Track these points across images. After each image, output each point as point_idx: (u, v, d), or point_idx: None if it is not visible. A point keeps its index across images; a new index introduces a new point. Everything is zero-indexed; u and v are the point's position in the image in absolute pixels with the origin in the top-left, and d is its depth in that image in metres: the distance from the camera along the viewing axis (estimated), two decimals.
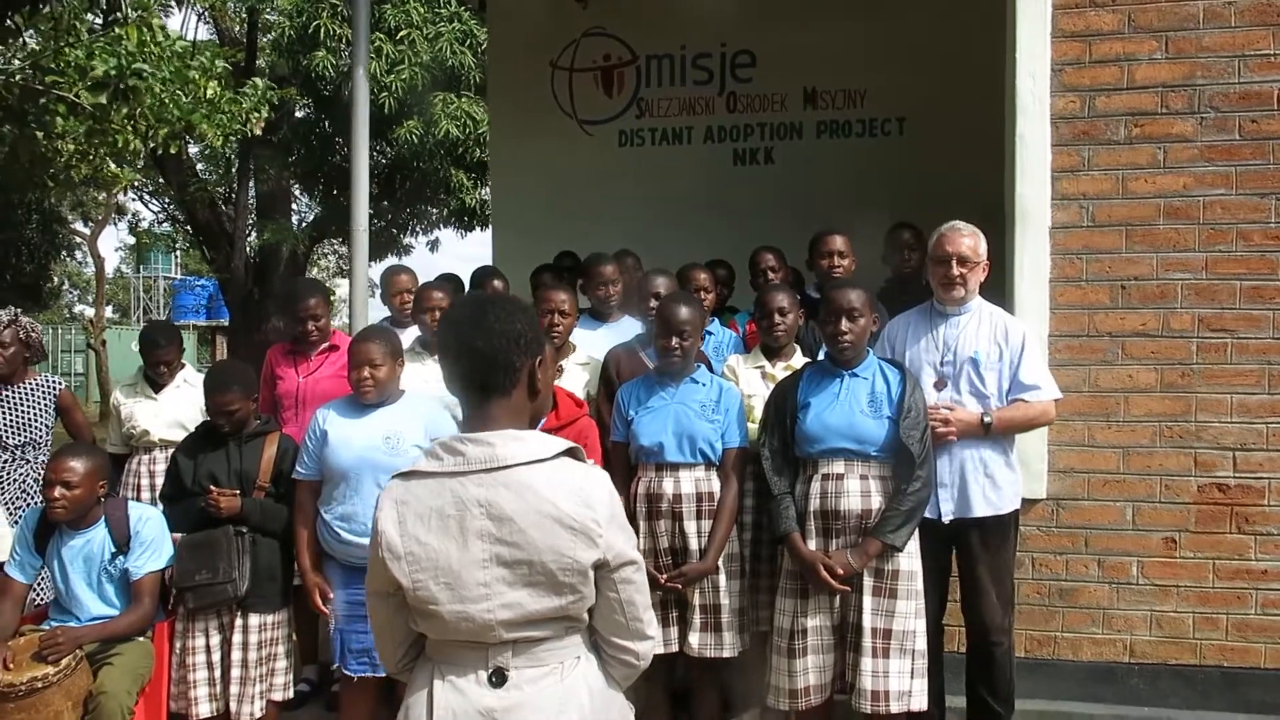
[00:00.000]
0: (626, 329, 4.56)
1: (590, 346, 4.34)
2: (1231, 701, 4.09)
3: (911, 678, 3.38)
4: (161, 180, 16.59)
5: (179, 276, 37.79)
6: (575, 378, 4.18)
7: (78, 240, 25.51)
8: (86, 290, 34.64)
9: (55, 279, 24.65)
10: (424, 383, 4.20)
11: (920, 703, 3.40)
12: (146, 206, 23.06)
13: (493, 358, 1.79)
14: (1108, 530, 4.20)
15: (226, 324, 32.19)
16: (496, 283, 4.80)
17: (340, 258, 22.67)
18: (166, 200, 20.25)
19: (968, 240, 3.72)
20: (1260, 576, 4.09)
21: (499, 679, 1.77)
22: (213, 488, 3.79)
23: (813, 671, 3.43)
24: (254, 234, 15.60)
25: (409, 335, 4.50)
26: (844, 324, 3.48)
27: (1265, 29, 4.13)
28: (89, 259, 29.12)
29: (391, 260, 15.04)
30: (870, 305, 3.53)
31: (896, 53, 6.63)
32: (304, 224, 16.35)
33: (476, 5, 8.28)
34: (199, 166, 16.64)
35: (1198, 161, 4.17)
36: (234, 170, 15.46)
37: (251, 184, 15.41)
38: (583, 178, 7.17)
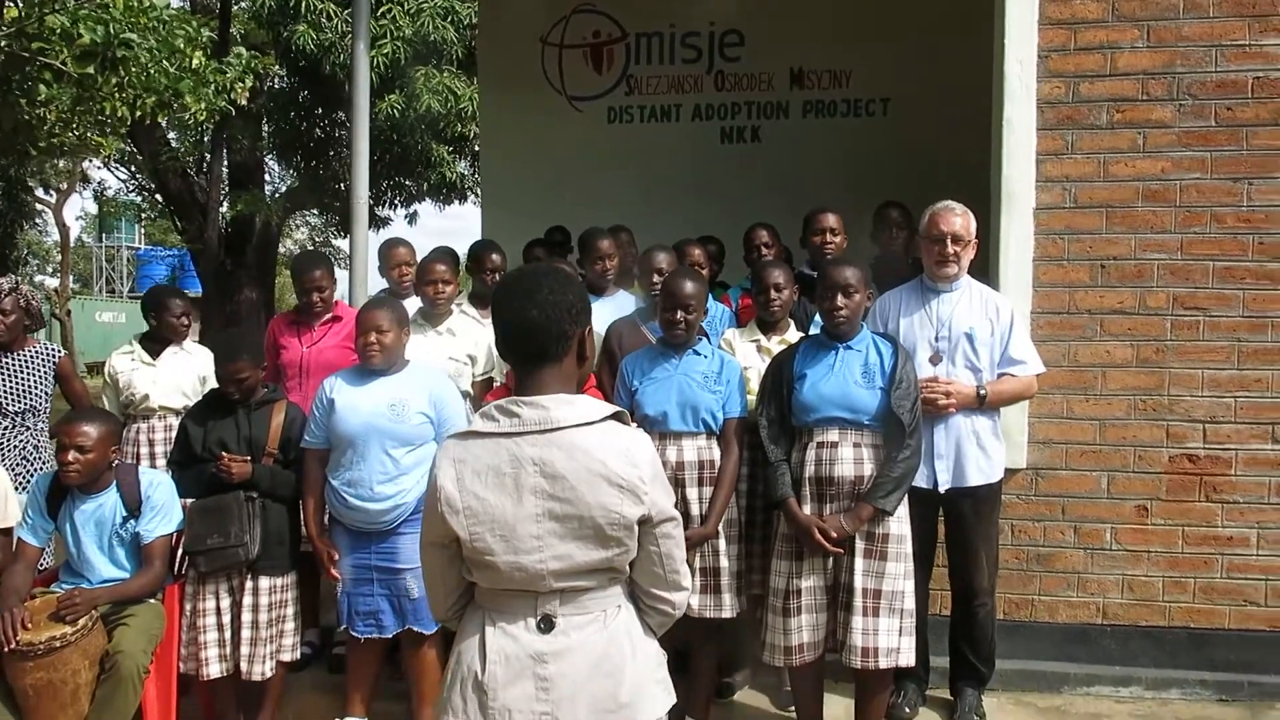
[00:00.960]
0: (622, 303, 4.69)
1: None
2: (1197, 661, 4.31)
3: (900, 635, 3.56)
4: (133, 149, 16.42)
5: (143, 246, 37.35)
6: None
7: (39, 208, 25.18)
8: (46, 260, 34.15)
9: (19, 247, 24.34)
10: (425, 353, 4.32)
11: (908, 659, 3.59)
12: (114, 174, 22.80)
13: (547, 327, 1.92)
14: (1084, 498, 4.40)
15: (194, 295, 31.97)
16: (495, 256, 4.90)
17: (314, 229, 22.57)
18: (134, 169, 20.04)
19: (960, 219, 3.88)
20: (1226, 543, 4.31)
21: (547, 625, 1.91)
22: (224, 454, 3.89)
23: (806, 630, 3.60)
24: (226, 205, 15.52)
25: (409, 307, 4.60)
26: (839, 299, 3.63)
27: (1241, 20, 4.31)
28: (49, 228, 28.75)
29: (370, 232, 15.00)
30: (865, 281, 3.68)
31: (881, 35, 6.77)
32: (277, 195, 16.28)
33: None
34: (170, 136, 16.50)
35: (1175, 146, 4.34)
36: (207, 140, 15.36)
37: (224, 154, 15.33)
38: (572, 154, 7.26)
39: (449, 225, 56.81)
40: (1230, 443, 4.31)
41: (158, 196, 18.29)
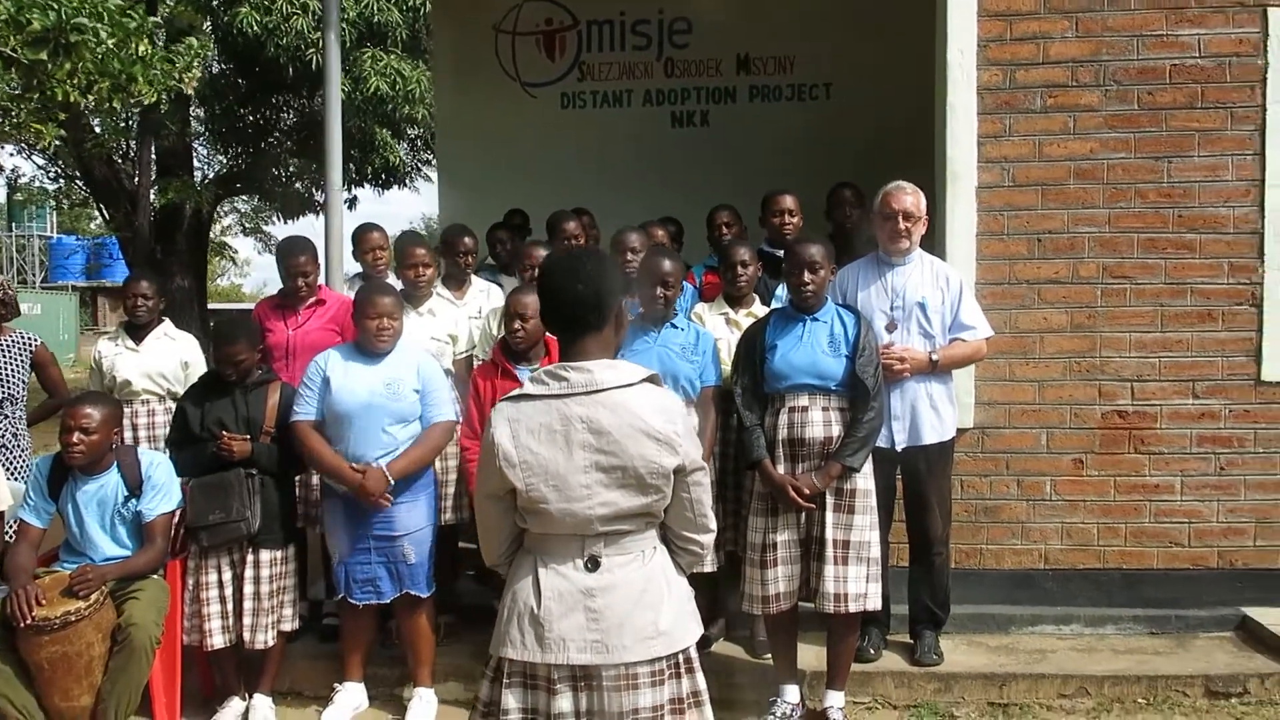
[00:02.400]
0: None
1: None
2: (1130, 599, 4.72)
3: (867, 582, 3.87)
4: (61, 136, 16.08)
5: (55, 235, 36.30)
6: None
7: None
8: None
9: None
10: (408, 334, 4.51)
11: (875, 603, 3.91)
12: (32, 162, 22.21)
13: (590, 300, 2.17)
14: (1025, 454, 4.77)
15: (109, 285, 31.12)
16: (467, 239, 5.09)
17: (243, 215, 22.29)
18: (54, 156, 19.58)
19: (911, 198, 4.21)
20: (1153, 490, 4.73)
21: (593, 564, 2.17)
22: (225, 433, 4.05)
23: (783, 580, 3.90)
24: (156, 192, 15.31)
25: None
26: (806, 275, 3.91)
27: (1159, 12, 4.68)
28: None
29: (310, 218, 14.97)
30: (829, 258, 3.97)
31: (823, 22, 7.11)
32: (206, 181, 16.10)
33: None
34: (94, 122, 16.20)
35: (1102, 129, 4.72)
36: (134, 126, 15.12)
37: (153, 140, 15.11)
38: (526, 138, 7.47)
39: (390, 210, 56.08)
40: (1155, 399, 4.72)
41: (79, 183, 17.93)
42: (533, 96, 7.62)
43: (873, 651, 4.38)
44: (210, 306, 18.74)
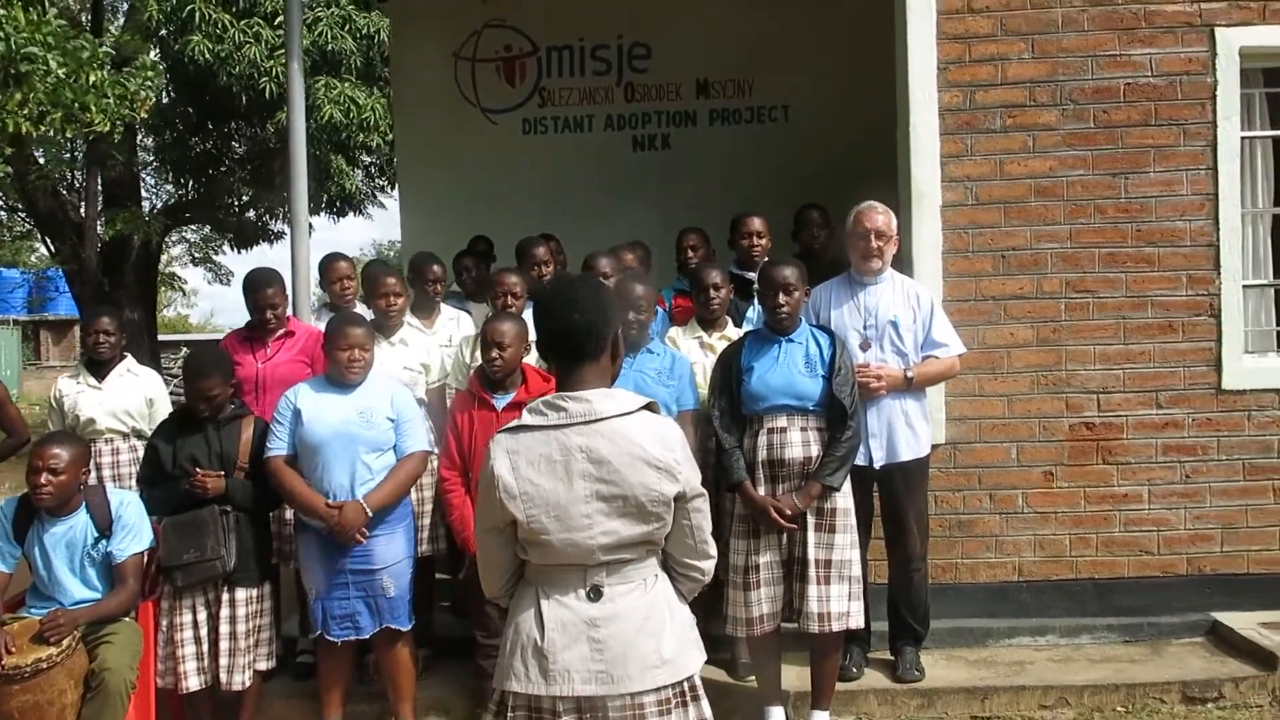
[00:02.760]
0: None
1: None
2: (1103, 608, 4.80)
3: (849, 600, 3.90)
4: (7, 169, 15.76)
5: None
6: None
7: None
8: None
9: None
10: (380, 364, 4.47)
11: (858, 621, 3.94)
12: None
13: (587, 330, 2.17)
14: (997, 468, 4.84)
15: (51, 318, 30.50)
16: (436, 267, 5.08)
17: (192, 245, 21.98)
18: None
19: (882, 217, 4.27)
20: (1122, 500, 4.81)
21: (595, 594, 2.16)
22: (198, 470, 3.98)
23: (765, 601, 3.91)
24: (103, 223, 15.07)
25: None
26: (781, 298, 3.95)
27: (1112, 33, 4.81)
28: None
29: (264, 247, 14.81)
30: (803, 280, 4.01)
31: (781, 46, 7.19)
32: (155, 211, 15.87)
33: None
34: (38, 153, 15.92)
35: (1061, 147, 4.83)
36: (80, 157, 14.88)
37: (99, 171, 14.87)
38: (488, 165, 7.46)
39: (345, 238, 56.05)
40: (1121, 410, 4.81)
41: (21, 215, 17.58)
42: (493, 123, 7.62)
43: (855, 670, 4.40)
44: (160, 338, 18.45)
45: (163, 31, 11.01)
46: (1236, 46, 4.71)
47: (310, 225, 14.84)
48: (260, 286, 4.65)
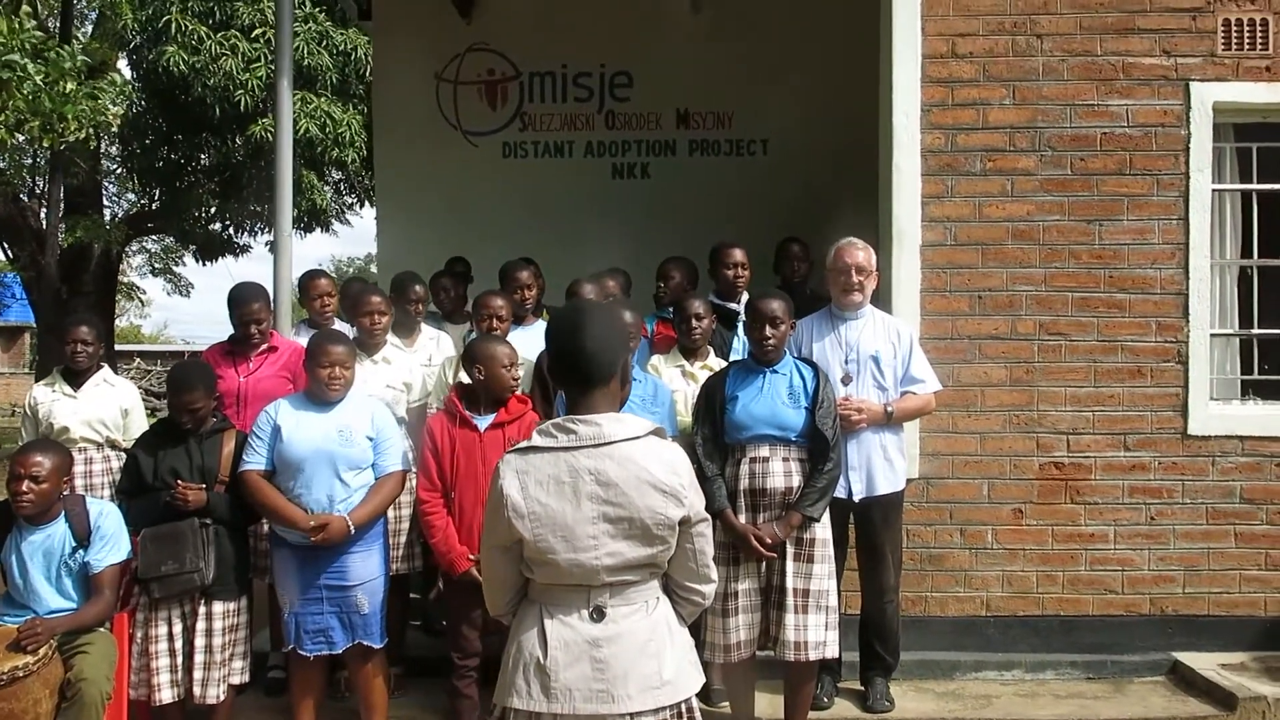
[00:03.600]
0: (541, 332, 4.94)
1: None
2: (1067, 644, 4.88)
3: (825, 630, 3.94)
4: None
5: None
6: None
7: None
8: None
9: None
10: (363, 382, 4.46)
11: (833, 651, 3.98)
12: None
13: (598, 356, 2.20)
14: (968, 504, 4.92)
15: (2, 325, 29.96)
16: (418, 287, 5.09)
17: (152, 256, 21.68)
18: None
19: (862, 253, 4.35)
20: (1089, 539, 4.91)
21: (599, 615, 2.18)
22: (179, 482, 3.95)
23: (743, 629, 3.95)
24: (64, 231, 14.88)
25: None
26: (768, 330, 4.01)
27: (1090, 83, 4.96)
28: None
29: (229, 260, 14.68)
30: (789, 312, 4.07)
31: (761, 80, 7.31)
32: (117, 219, 15.68)
33: (358, 14, 8.40)
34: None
35: (1038, 192, 4.95)
36: (43, 164, 14.69)
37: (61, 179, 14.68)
38: (467, 186, 7.49)
39: (312, 253, 55.73)
40: (1090, 451, 4.92)
41: None
42: (474, 145, 7.64)
43: (826, 699, 4.44)
44: (117, 348, 18.17)
45: (136, 40, 10.92)
46: (1210, 101, 4.88)
47: (253, 244, 14.71)
48: (246, 301, 4.63)
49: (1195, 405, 4.89)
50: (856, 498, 4.29)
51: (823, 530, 3.98)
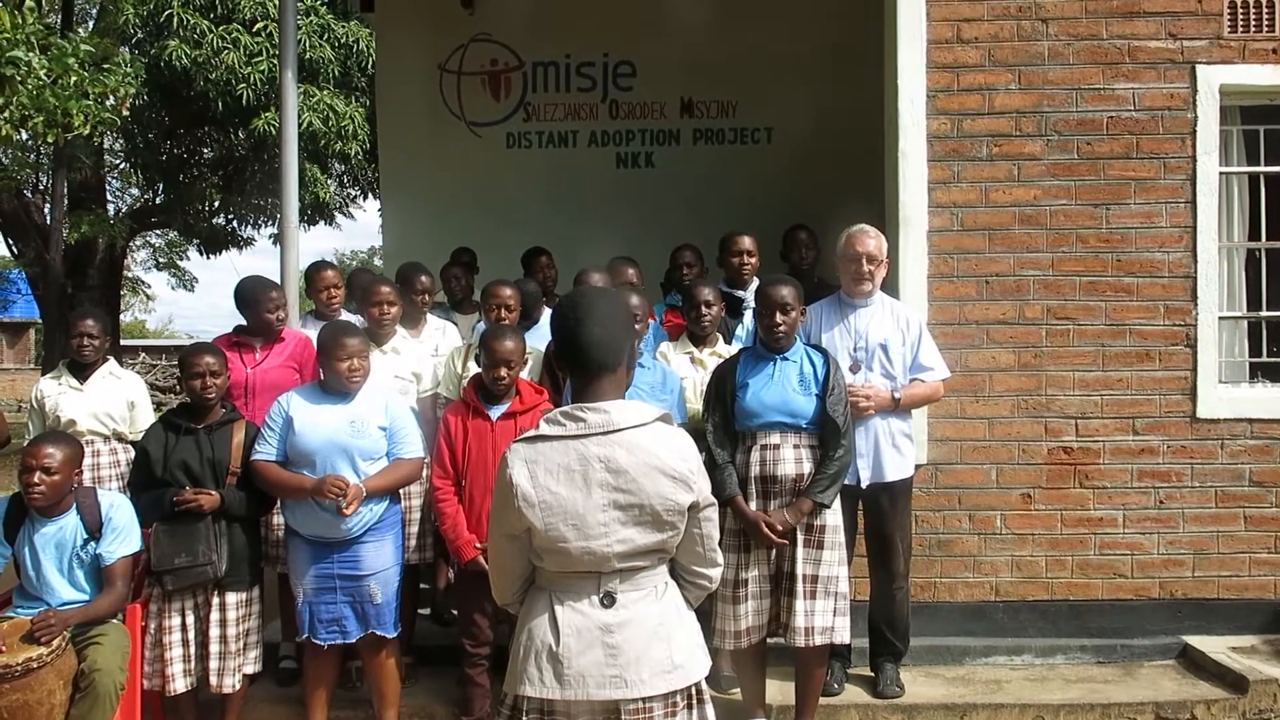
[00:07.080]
0: (545, 324, 4.96)
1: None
2: (1076, 629, 4.89)
3: (835, 615, 3.95)
4: None
5: None
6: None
7: None
8: None
9: None
10: (373, 372, 4.47)
11: (843, 637, 3.99)
12: None
13: (605, 343, 2.21)
14: (976, 489, 4.92)
15: (6, 320, 30.00)
16: (424, 278, 5.09)
17: (156, 250, 21.72)
18: None
19: (873, 241, 4.35)
20: (1098, 523, 4.91)
21: (609, 600, 2.19)
22: (189, 490, 3.96)
23: (753, 614, 3.96)
24: (69, 226, 14.92)
25: None
26: (778, 317, 4.00)
27: (1096, 67, 4.94)
28: None
29: (233, 254, 14.69)
30: (799, 299, 4.07)
31: (765, 68, 7.29)
32: (121, 214, 15.70)
33: (360, 7, 8.39)
34: (3, 154, 15.69)
35: (1045, 176, 4.94)
36: (48, 159, 14.70)
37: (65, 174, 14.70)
38: (471, 177, 7.49)
39: (316, 245, 55.69)
40: (1098, 435, 4.91)
41: None
42: (478, 136, 7.64)
43: (836, 685, 4.45)
44: (122, 343, 18.20)
45: (139, 35, 10.90)
46: (1217, 84, 4.86)
47: (257, 236, 14.73)
48: (265, 289, 4.65)
49: (1204, 388, 4.88)
50: (865, 484, 4.29)
51: (833, 517, 3.99)
